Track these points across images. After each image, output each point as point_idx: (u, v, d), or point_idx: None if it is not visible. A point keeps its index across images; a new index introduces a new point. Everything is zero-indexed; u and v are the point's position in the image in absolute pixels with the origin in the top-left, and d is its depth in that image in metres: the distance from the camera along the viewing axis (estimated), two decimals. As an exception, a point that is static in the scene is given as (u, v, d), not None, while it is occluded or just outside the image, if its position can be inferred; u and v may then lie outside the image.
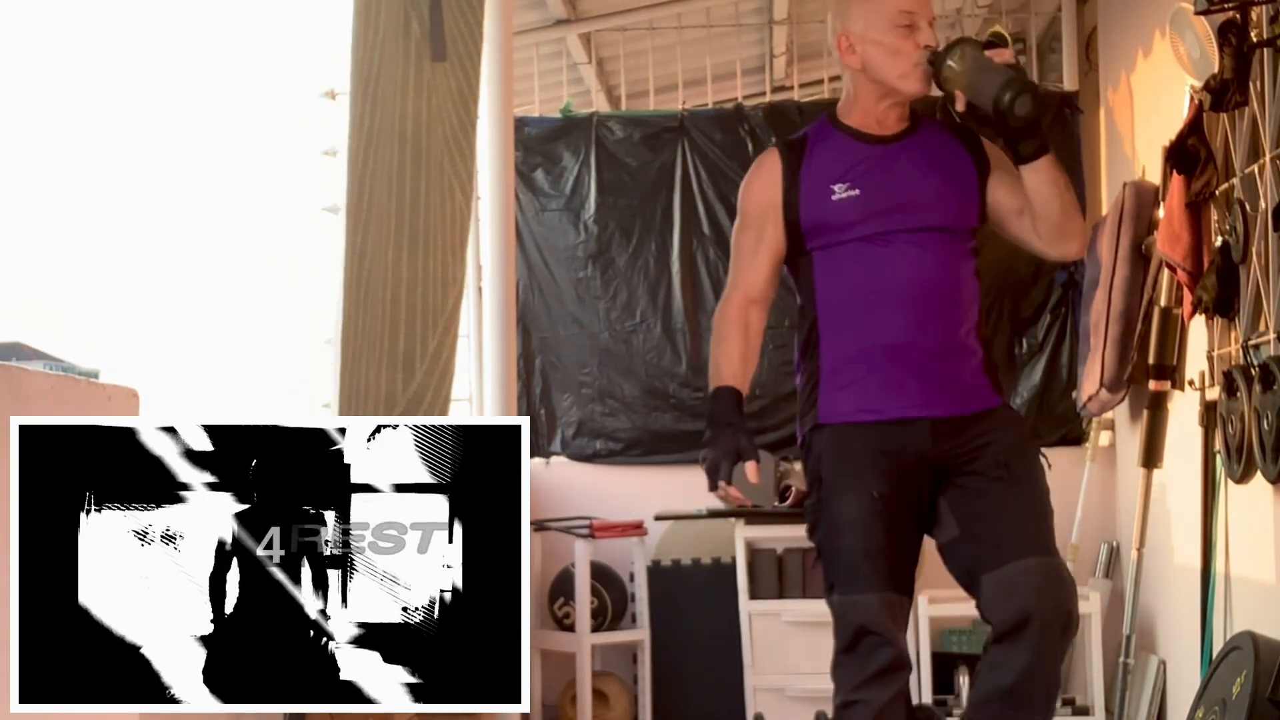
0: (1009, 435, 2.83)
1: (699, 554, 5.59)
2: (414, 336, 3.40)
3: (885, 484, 2.83)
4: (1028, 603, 2.67)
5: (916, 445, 2.83)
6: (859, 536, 2.85)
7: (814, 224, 2.89)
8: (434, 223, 3.47)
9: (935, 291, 2.84)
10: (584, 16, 6.17)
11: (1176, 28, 4.13)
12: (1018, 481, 2.78)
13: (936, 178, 2.88)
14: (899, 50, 2.85)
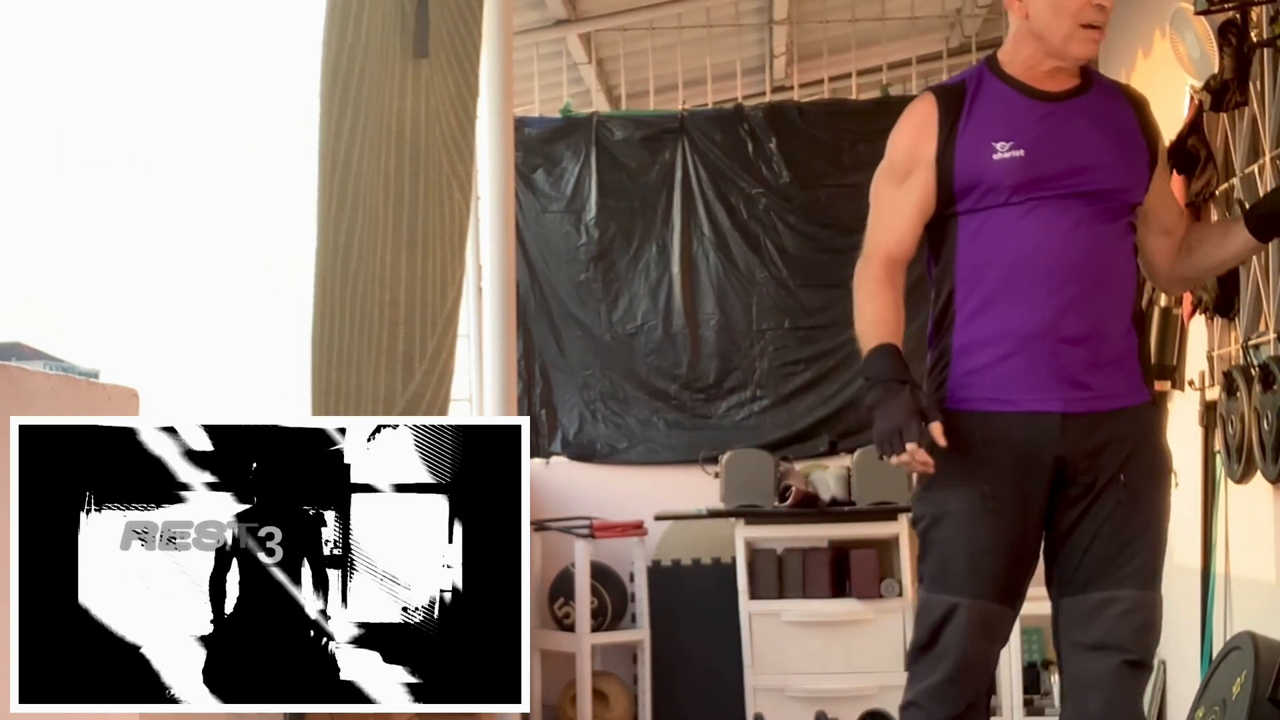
0: (1142, 444, 2.60)
1: (699, 554, 5.59)
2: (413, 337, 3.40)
3: (1001, 481, 2.58)
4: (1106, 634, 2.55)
5: (1045, 441, 2.58)
6: (961, 534, 2.60)
7: (968, 184, 2.61)
8: (432, 223, 3.46)
9: (1087, 270, 2.57)
10: (584, 16, 6.17)
11: (1176, 28, 4.12)
12: (1131, 503, 2.58)
13: (1110, 144, 2.63)
14: (1065, 8, 2.63)
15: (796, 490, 5.25)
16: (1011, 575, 2.61)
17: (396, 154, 3.37)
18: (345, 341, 3.20)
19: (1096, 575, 2.58)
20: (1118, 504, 2.57)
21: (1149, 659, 2.59)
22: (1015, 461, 2.58)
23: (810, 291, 5.84)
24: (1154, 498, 2.60)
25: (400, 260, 3.37)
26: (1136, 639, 2.56)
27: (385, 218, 3.33)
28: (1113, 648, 2.55)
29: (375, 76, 3.30)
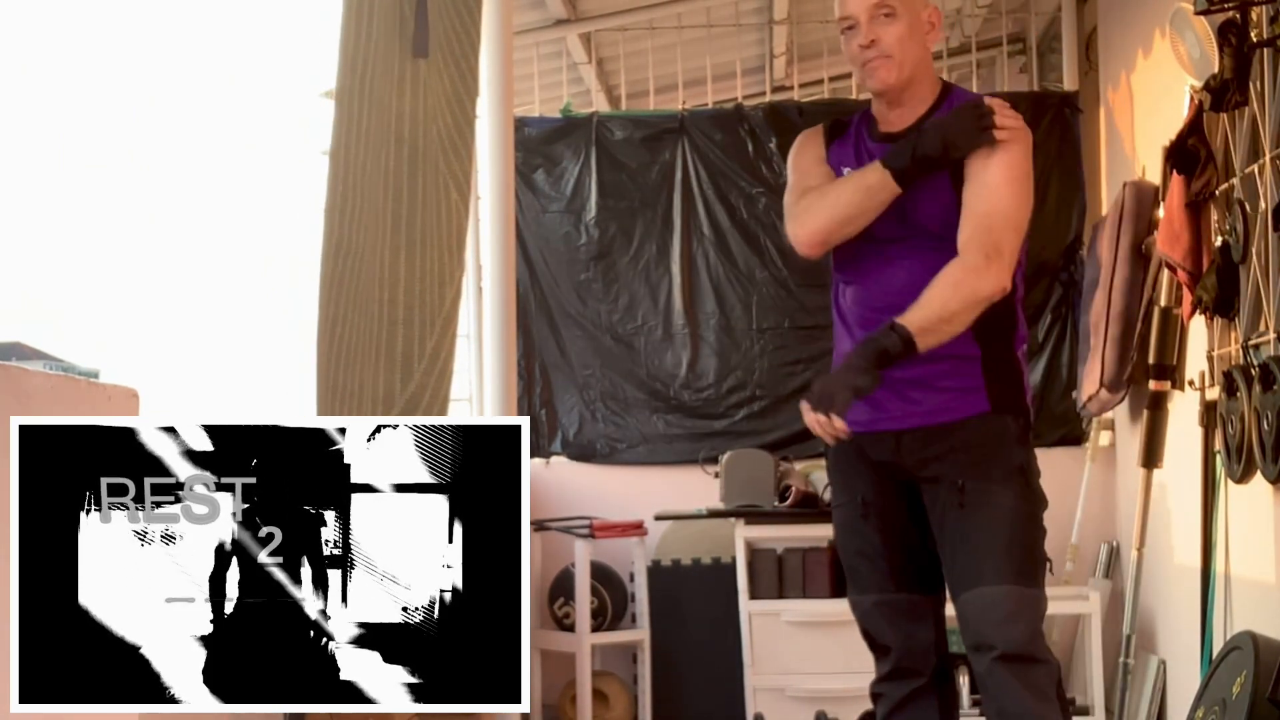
0: (976, 451, 2.77)
1: (699, 554, 5.59)
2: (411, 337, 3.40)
3: (871, 490, 2.91)
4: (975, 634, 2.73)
5: (885, 455, 2.87)
6: (852, 540, 2.94)
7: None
8: (430, 222, 3.46)
9: (905, 297, 2.75)
10: (584, 16, 6.17)
11: (1176, 28, 4.13)
12: (971, 505, 2.76)
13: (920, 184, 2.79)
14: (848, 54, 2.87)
15: (796, 490, 5.25)
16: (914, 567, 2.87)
17: (395, 153, 3.37)
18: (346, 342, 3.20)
19: (955, 580, 2.80)
20: (959, 508, 2.76)
21: (1023, 650, 2.70)
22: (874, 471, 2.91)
23: (810, 291, 5.84)
24: (997, 498, 2.74)
25: (399, 260, 3.37)
26: (997, 633, 2.70)
27: (384, 217, 3.34)
28: (983, 646, 2.72)
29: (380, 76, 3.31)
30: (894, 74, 2.81)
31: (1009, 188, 2.77)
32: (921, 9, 2.85)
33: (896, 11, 2.80)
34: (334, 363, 3.17)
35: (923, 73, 2.86)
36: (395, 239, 3.36)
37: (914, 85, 2.85)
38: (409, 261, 3.40)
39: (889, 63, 2.81)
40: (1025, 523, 2.77)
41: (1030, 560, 2.76)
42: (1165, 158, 4.35)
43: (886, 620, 2.88)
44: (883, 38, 2.80)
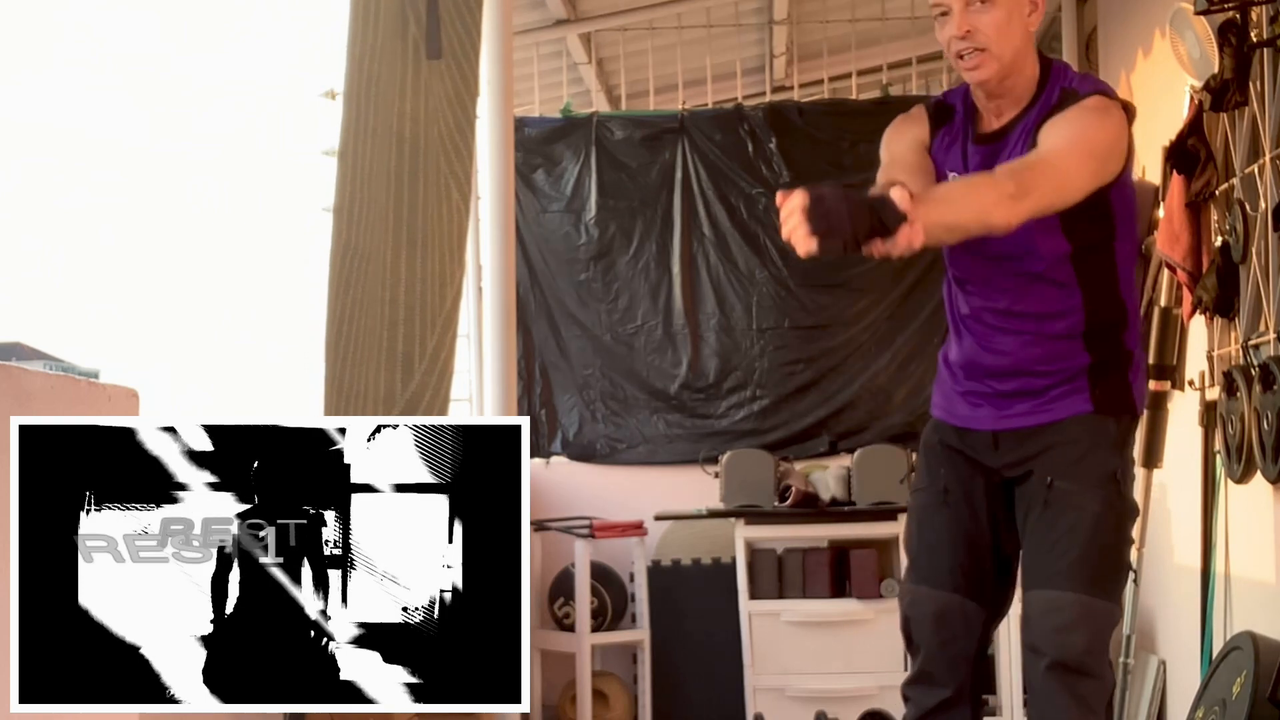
0: (1071, 450, 2.65)
1: (699, 554, 5.59)
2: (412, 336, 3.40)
3: (956, 481, 2.75)
4: (1033, 636, 2.61)
5: (982, 454, 2.74)
6: (922, 529, 2.79)
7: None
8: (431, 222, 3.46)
9: (1010, 319, 2.67)
10: (584, 16, 6.16)
11: (1176, 28, 4.12)
12: (1056, 505, 2.64)
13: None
14: (941, 41, 2.64)
15: (796, 490, 5.25)
16: (975, 572, 2.73)
17: (397, 154, 3.38)
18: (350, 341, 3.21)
19: (1027, 576, 2.67)
20: (1045, 506, 2.64)
21: (1072, 660, 2.57)
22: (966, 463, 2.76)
23: (810, 291, 5.84)
24: (1084, 501, 2.62)
25: (400, 260, 3.38)
26: (1053, 639, 2.58)
27: (386, 217, 3.34)
28: (1039, 650, 2.61)
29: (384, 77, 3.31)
30: (992, 68, 2.58)
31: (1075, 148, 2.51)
32: None
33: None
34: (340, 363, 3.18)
35: (1025, 62, 2.62)
36: (397, 239, 3.36)
37: (1014, 75, 2.62)
38: (410, 261, 3.40)
39: (985, 56, 2.57)
40: (1108, 531, 2.63)
41: (1105, 570, 2.63)
42: (1165, 158, 4.35)
43: (929, 618, 2.73)
44: (979, 27, 2.55)
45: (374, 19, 3.28)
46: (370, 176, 3.27)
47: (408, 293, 3.38)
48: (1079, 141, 2.52)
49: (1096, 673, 2.60)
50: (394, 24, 3.36)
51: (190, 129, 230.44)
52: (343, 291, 3.20)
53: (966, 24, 2.56)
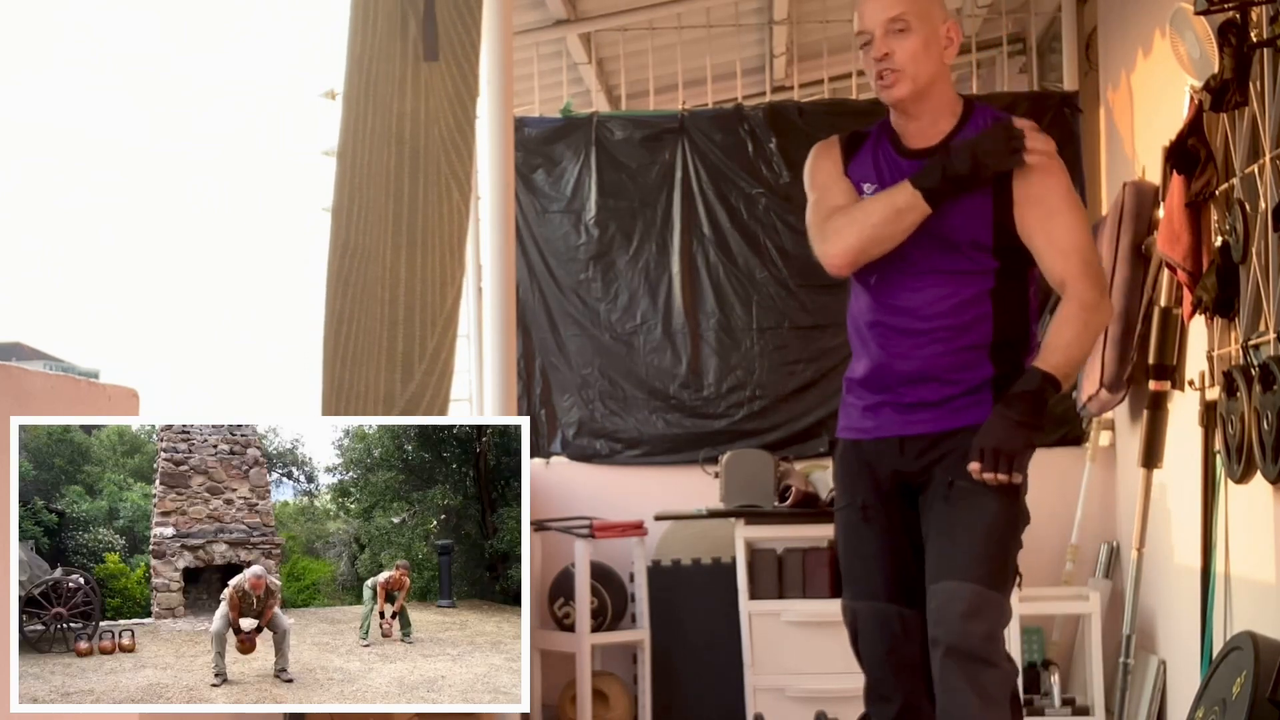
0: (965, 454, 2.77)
1: (699, 554, 5.59)
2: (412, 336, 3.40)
3: (871, 494, 2.92)
4: (935, 628, 2.73)
5: (890, 461, 2.90)
6: (849, 542, 2.95)
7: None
8: (432, 222, 3.46)
9: (921, 324, 2.85)
10: (584, 16, 6.17)
11: (1176, 28, 4.13)
12: (956, 502, 2.79)
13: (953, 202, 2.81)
14: (865, 66, 2.91)
15: (796, 490, 5.25)
16: (903, 578, 2.86)
17: (397, 154, 3.38)
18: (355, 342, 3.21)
19: (929, 572, 2.80)
20: (945, 503, 2.80)
21: (972, 648, 2.68)
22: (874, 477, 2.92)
23: (810, 292, 5.84)
24: (982, 500, 2.75)
25: (400, 260, 3.38)
26: (954, 626, 2.70)
27: (386, 217, 3.34)
28: (940, 640, 2.72)
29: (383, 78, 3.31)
30: (906, 88, 2.84)
31: (1075, 214, 2.84)
32: (940, 23, 2.86)
33: (911, 26, 2.82)
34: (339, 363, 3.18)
35: (939, 87, 2.88)
36: (396, 239, 3.36)
37: (930, 99, 2.87)
38: (409, 262, 3.40)
39: (901, 76, 2.83)
40: (1004, 529, 2.77)
41: (1001, 565, 2.76)
42: (1165, 158, 4.36)
43: (871, 630, 2.88)
44: (896, 52, 2.82)
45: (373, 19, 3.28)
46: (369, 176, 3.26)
47: (408, 293, 3.39)
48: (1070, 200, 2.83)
49: (996, 662, 2.70)
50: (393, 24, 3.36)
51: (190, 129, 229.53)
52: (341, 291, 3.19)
53: (885, 47, 2.83)
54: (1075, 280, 2.79)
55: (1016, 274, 2.88)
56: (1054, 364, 2.76)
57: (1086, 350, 2.82)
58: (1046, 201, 2.81)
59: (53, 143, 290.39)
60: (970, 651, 2.69)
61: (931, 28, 2.84)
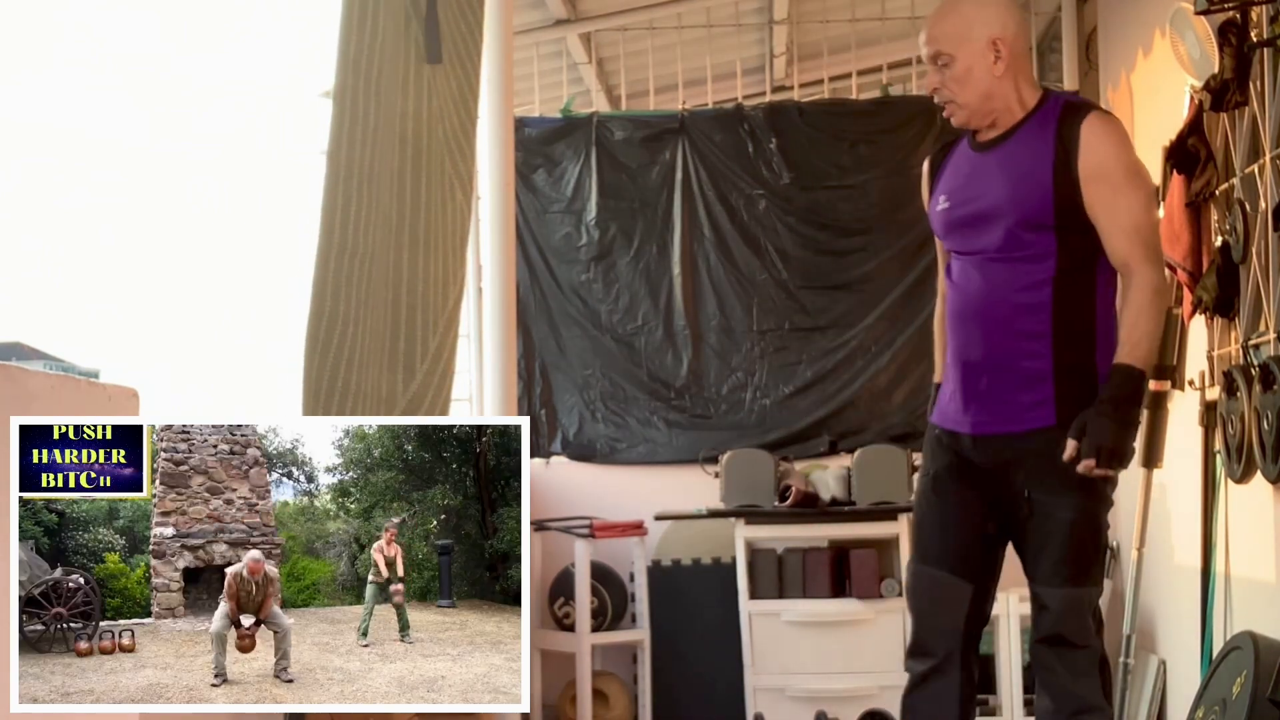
0: (1041, 464, 2.91)
1: (699, 554, 5.59)
2: (414, 337, 3.40)
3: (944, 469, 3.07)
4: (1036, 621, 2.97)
5: (967, 451, 3.03)
6: (919, 508, 3.14)
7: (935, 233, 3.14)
8: (434, 223, 3.46)
9: (986, 310, 2.95)
10: (584, 16, 6.17)
11: (1176, 28, 4.13)
12: (1036, 516, 2.94)
13: (1004, 188, 2.93)
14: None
15: (796, 490, 5.25)
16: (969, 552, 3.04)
17: (400, 155, 3.37)
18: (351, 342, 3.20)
19: (1027, 574, 3.01)
20: (1029, 516, 2.96)
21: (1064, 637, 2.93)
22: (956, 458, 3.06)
23: (810, 293, 5.84)
24: (1058, 511, 2.92)
25: (402, 260, 3.38)
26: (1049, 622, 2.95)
27: (390, 218, 3.34)
28: (1040, 630, 2.97)
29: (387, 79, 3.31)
30: (961, 115, 3.00)
31: (1140, 192, 2.91)
32: (983, 41, 2.95)
33: (952, 57, 2.95)
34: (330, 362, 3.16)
35: (999, 97, 2.97)
36: (399, 239, 3.36)
37: (990, 111, 2.99)
38: (412, 262, 3.40)
39: (953, 107, 2.99)
40: (1085, 526, 2.93)
41: (1088, 561, 2.94)
42: (1165, 158, 4.35)
43: (921, 590, 3.08)
44: (943, 85, 2.98)
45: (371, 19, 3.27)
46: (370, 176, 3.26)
47: (410, 293, 3.38)
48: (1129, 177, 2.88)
49: (1085, 643, 2.94)
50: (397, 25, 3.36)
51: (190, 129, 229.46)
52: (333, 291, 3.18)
53: (934, 81, 3.00)
54: (1141, 263, 2.87)
55: (1081, 259, 2.92)
56: (1141, 356, 2.85)
57: (1161, 330, 2.95)
58: (1112, 178, 2.87)
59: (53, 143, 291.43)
60: (1062, 639, 2.93)
61: (973, 51, 2.94)
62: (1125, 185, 2.87)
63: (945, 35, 2.95)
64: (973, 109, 2.97)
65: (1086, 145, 2.87)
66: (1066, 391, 2.91)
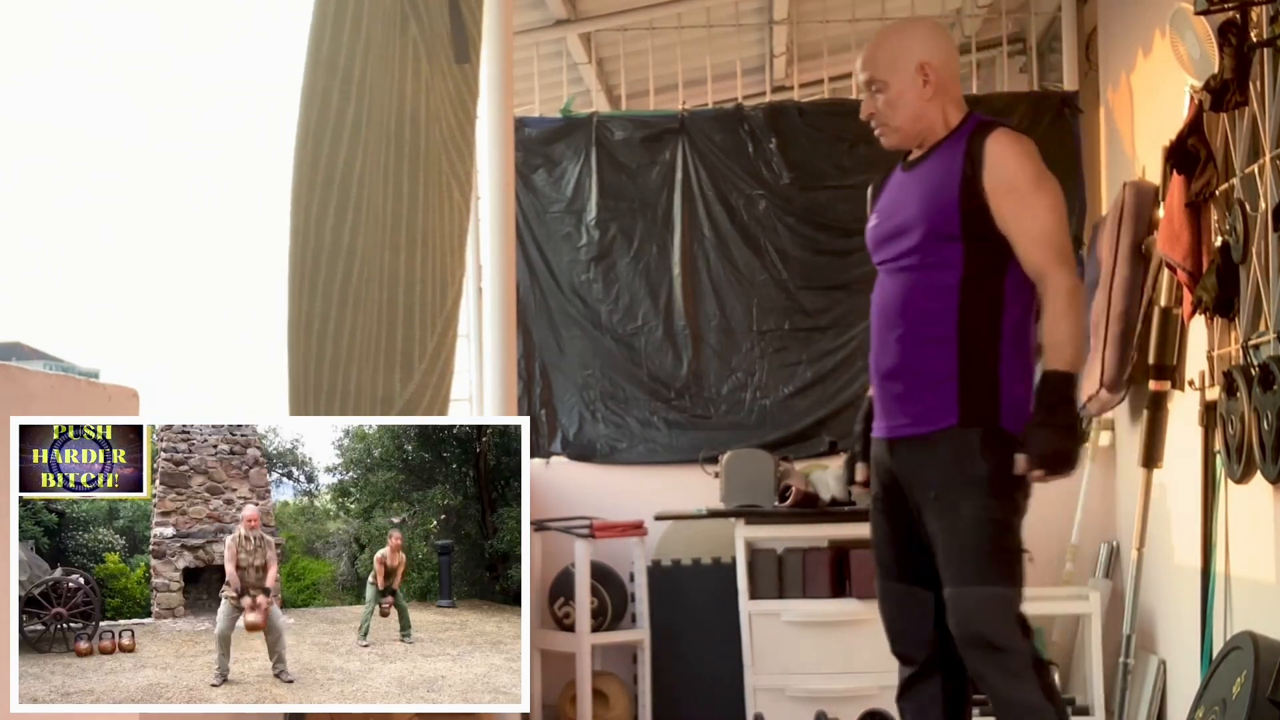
0: (945, 463, 3.01)
1: (699, 554, 5.59)
2: (412, 337, 3.39)
3: (880, 486, 3.21)
4: (953, 628, 3.01)
5: (891, 460, 3.15)
6: (872, 530, 3.26)
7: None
8: (431, 223, 3.46)
9: (897, 317, 3.08)
10: (584, 16, 6.17)
11: (1176, 28, 4.13)
12: (940, 513, 3.02)
13: (918, 202, 3.08)
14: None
15: (796, 490, 5.25)
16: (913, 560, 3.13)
17: (396, 154, 3.36)
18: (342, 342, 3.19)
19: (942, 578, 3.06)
20: (935, 515, 3.03)
21: (988, 639, 2.96)
22: (881, 470, 3.18)
23: (810, 293, 5.84)
24: (960, 508, 2.99)
25: (399, 260, 3.37)
26: (966, 624, 2.99)
27: (384, 218, 3.33)
28: (960, 636, 3.02)
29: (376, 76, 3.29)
30: (893, 138, 3.18)
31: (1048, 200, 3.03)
32: (913, 67, 3.11)
33: (886, 83, 3.13)
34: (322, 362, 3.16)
35: (927, 119, 3.13)
36: (395, 239, 3.35)
37: (920, 133, 3.15)
38: (409, 262, 3.39)
39: (885, 129, 3.17)
40: (989, 529, 2.99)
41: (993, 562, 2.99)
42: (1165, 158, 4.36)
43: (888, 604, 3.21)
44: (877, 111, 3.16)
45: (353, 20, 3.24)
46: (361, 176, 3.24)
47: (407, 293, 3.38)
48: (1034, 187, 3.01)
49: (1011, 645, 2.96)
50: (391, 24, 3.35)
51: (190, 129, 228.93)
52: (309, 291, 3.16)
53: (870, 107, 3.18)
54: (1053, 268, 2.99)
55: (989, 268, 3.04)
56: (1068, 360, 2.96)
57: (1085, 333, 3.04)
58: (1018, 190, 2.99)
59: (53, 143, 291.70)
60: (986, 642, 2.96)
61: (905, 76, 3.12)
62: (1032, 195, 3.01)
63: (879, 62, 3.13)
64: (904, 132, 3.14)
65: (991, 160, 3.02)
66: (970, 393, 3.01)
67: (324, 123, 3.20)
